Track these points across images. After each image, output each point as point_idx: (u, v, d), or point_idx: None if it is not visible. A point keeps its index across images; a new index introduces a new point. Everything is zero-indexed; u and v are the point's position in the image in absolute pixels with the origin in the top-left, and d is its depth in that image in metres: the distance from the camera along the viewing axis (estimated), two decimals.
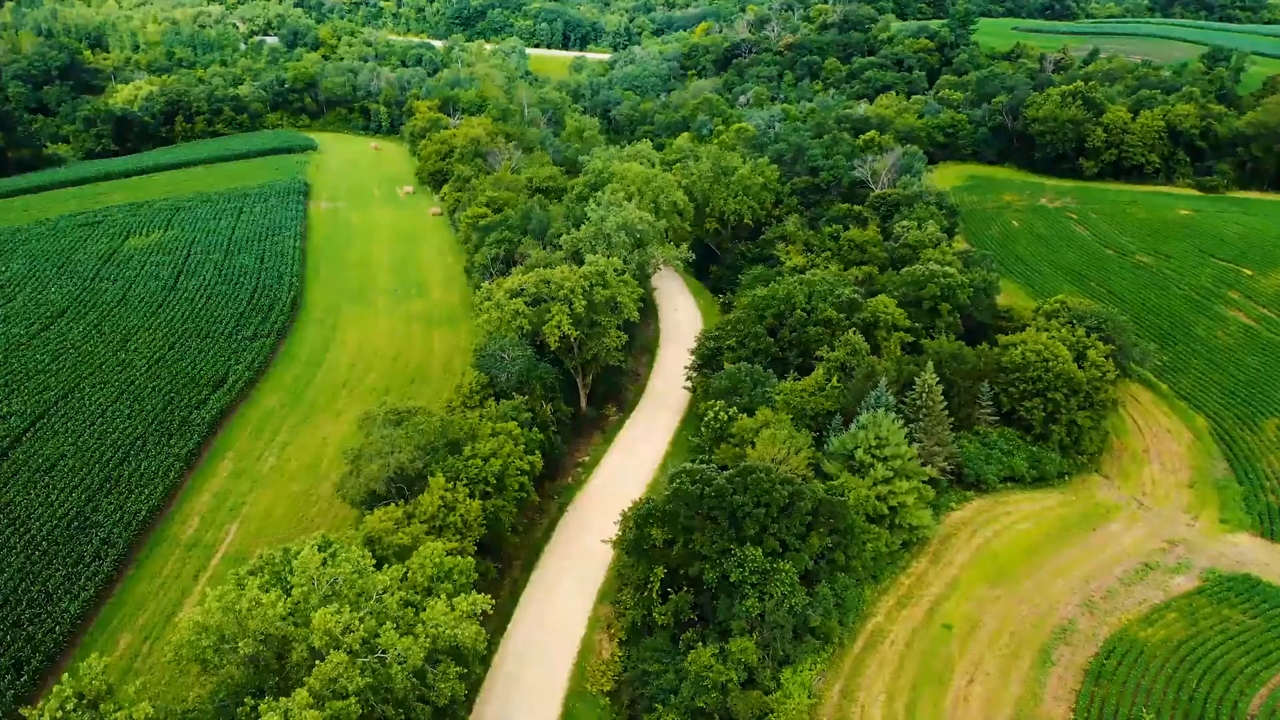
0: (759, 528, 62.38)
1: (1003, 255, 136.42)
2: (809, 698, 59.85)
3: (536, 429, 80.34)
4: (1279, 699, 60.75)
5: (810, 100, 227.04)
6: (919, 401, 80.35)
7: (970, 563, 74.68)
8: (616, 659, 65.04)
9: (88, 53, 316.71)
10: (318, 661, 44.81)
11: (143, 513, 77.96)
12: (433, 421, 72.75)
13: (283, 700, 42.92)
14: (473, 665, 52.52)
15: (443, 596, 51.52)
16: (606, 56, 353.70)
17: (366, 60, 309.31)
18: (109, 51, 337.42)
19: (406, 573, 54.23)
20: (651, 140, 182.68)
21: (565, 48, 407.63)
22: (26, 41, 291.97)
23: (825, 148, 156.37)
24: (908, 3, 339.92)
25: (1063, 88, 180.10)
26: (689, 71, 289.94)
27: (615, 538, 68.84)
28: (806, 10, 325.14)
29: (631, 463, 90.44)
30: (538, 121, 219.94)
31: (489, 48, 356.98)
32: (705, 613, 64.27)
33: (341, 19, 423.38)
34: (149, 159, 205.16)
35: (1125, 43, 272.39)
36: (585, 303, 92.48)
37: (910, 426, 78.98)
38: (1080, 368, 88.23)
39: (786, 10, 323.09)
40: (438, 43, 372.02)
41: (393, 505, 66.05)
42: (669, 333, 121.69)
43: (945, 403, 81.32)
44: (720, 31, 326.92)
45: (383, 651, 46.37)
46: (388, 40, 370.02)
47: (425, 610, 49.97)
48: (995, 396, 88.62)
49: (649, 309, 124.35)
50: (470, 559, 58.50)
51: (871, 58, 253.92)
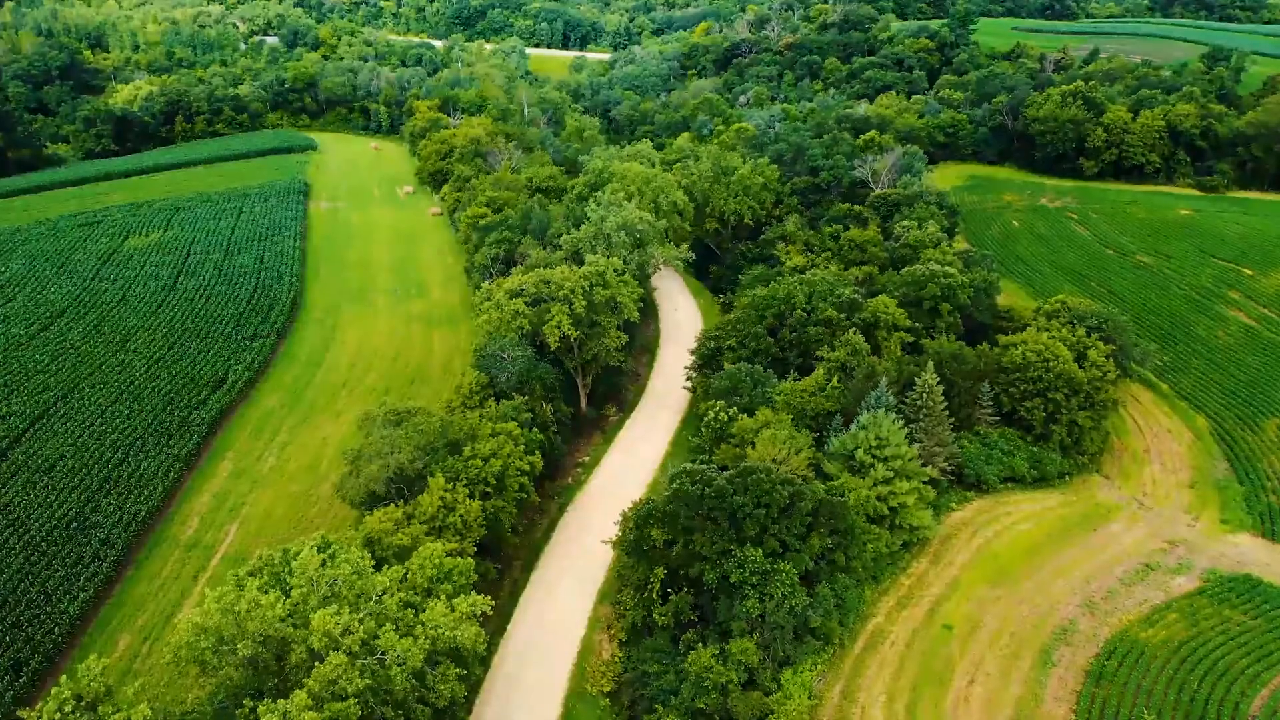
0: (759, 528, 62.31)
1: (1003, 255, 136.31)
2: (809, 699, 59.75)
3: (536, 429, 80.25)
4: None
5: (810, 100, 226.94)
6: (919, 402, 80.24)
7: (971, 563, 74.59)
8: (616, 660, 64.94)
9: (88, 53, 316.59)
10: (317, 663, 44.73)
11: (142, 513, 77.89)
12: (432, 422, 72.67)
13: (281, 702, 42.82)
14: (472, 666, 52.45)
15: (442, 598, 51.42)
16: (606, 56, 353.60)
17: (366, 60, 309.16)
18: (109, 51, 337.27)
19: (406, 574, 54.12)
20: (651, 140, 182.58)
21: (565, 48, 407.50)
22: (26, 41, 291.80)
23: (825, 148, 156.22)
24: (908, 2, 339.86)
25: (1063, 88, 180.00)
26: (689, 71, 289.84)
27: (615, 538, 68.79)
28: (806, 10, 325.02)
29: (631, 463, 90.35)
30: (538, 121, 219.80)
31: (489, 48, 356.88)
32: (705, 613, 64.18)
33: (341, 19, 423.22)
34: (149, 159, 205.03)
35: (1125, 43, 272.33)
36: (585, 303, 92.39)
37: (910, 427, 78.88)
38: (1081, 368, 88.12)
39: (786, 10, 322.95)
40: (438, 43, 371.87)
41: (392, 506, 65.97)
42: (669, 333, 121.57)
43: (945, 403, 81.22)
44: (720, 31, 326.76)
45: (382, 653, 46.25)
46: (388, 40, 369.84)
47: (425, 611, 49.88)
48: (996, 397, 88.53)
49: (649, 309, 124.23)
50: (470, 560, 58.42)
51: (871, 58, 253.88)
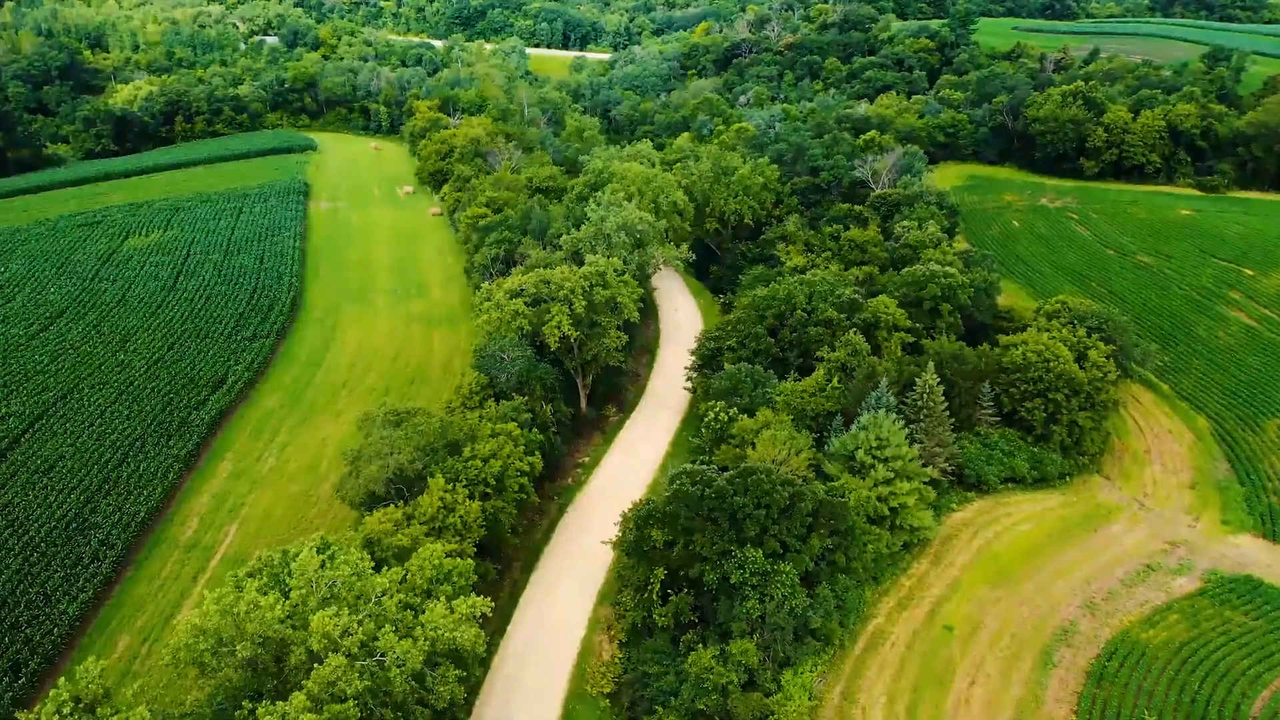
0: (759, 529, 62.19)
1: (1003, 255, 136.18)
2: (810, 700, 59.61)
3: (536, 430, 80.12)
4: None
5: (810, 100, 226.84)
6: (920, 402, 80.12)
7: (971, 564, 74.47)
8: (616, 661, 64.82)
9: (88, 53, 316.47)
10: (316, 665, 44.61)
11: (141, 514, 77.77)
12: (432, 422, 72.58)
13: (280, 704, 42.71)
14: (472, 668, 52.33)
15: (442, 599, 51.29)
16: (606, 56, 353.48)
17: (366, 60, 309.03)
18: (109, 51, 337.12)
19: (405, 575, 54.00)
20: (652, 140, 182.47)
21: (565, 48, 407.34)
22: (26, 41, 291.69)
23: (825, 148, 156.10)
24: (908, 2, 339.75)
25: (1063, 87, 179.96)
26: (689, 71, 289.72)
27: (615, 539, 68.69)
28: (807, 10, 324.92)
29: (631, 463, 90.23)
30: (538, 121, 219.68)
31: (489, 48, 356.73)
32: (705, 614, 64.06)
33: (341, 19, 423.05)
34: (149, 159, 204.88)
35: (1126, 42, 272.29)
36: (585, 303, 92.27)
37: (911, 427, 78.75)
38: (1081, 368, 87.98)
39: (787, 10, 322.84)
40: (438, 43, 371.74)
41: (392, 507, 65.83)
42: (669, 333, 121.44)
43: (946, 403, 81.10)
44: (720, 31, 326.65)
45: (381, 654, 46.13)
46: (388, 40, 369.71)
47: (424, 613, 49.75)
48: (996, 397, 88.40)
49: (649, 309, 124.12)
50: (469, 561, 58.30)
51: (872, 58, 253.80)
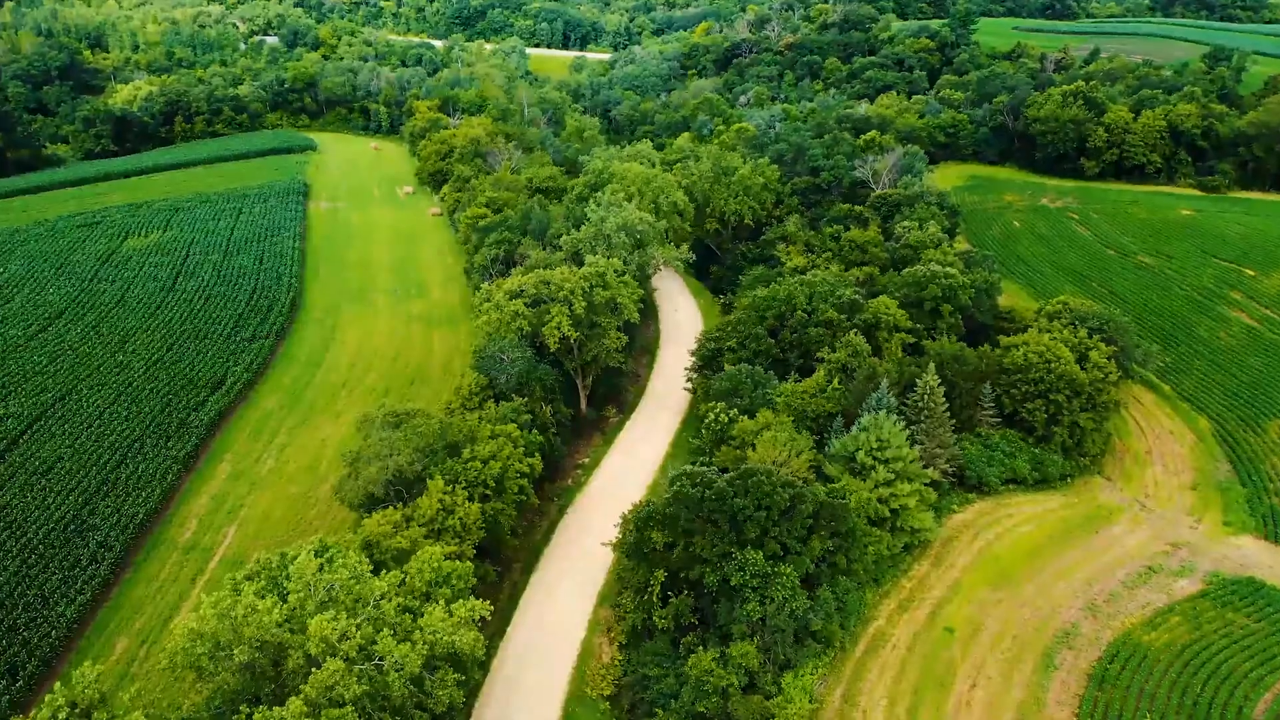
0: (760, 531, 61.99)
1: (1004, 256, 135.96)
2: (810, 702, 59.42)
3: (536, 431, 79.92)
4: None
5: (811, 100, 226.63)
6: (920, 403, 79.88)
7: (972, 565, 74.22)
8: (616, 663, 64.62)
9: (87, 53, 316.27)
10: (314, 669, 44.35)
11: (140, 515, 77.54)
12: (431, 424, 72.33)
13: (277, 709, 42.47)
14: (471, 672, 52.07)
15: (441, 602, 51.05)
16: (606, 56, 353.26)
17: (366, 60, 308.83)
18: (109, 51, 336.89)
19: (404, 578, 53.74)
20: (652, 140, 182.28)
21: (565, 48, 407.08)
22: (26, 41, 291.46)
23: (826, 148, 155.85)
24: (908, 2, 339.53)
25: (1064, 87, 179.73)
26: (689, 71, 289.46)
27: (615, 541, 68.50)
28: (807, 10, 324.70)
29: (632, 464, 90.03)
30: (538, 121, 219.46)
31: (489, 48, 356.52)
32: (706, 616, 63.86)
33: (341, 19, 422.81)
34: (148, 159, 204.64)
35: (1126, 42, 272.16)
36: (585, 304, 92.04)
37: (912, 428, 78.50)
38: (1082, 369, 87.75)
39: (787, 10, 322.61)
40: (438, 43, 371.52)
41: (391, 508, 65.59)
42: (669, 334, 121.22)
43: (947, 404, 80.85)
44: (720, 31, 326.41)
45: (380, 659, 45.86)
46: (388, 40, 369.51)
47: (423, 616, 49.49)
48: (997, 398, 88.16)
49: (649, 310, 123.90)
50: (469, 563, 58.03)
51: (872, 58, 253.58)
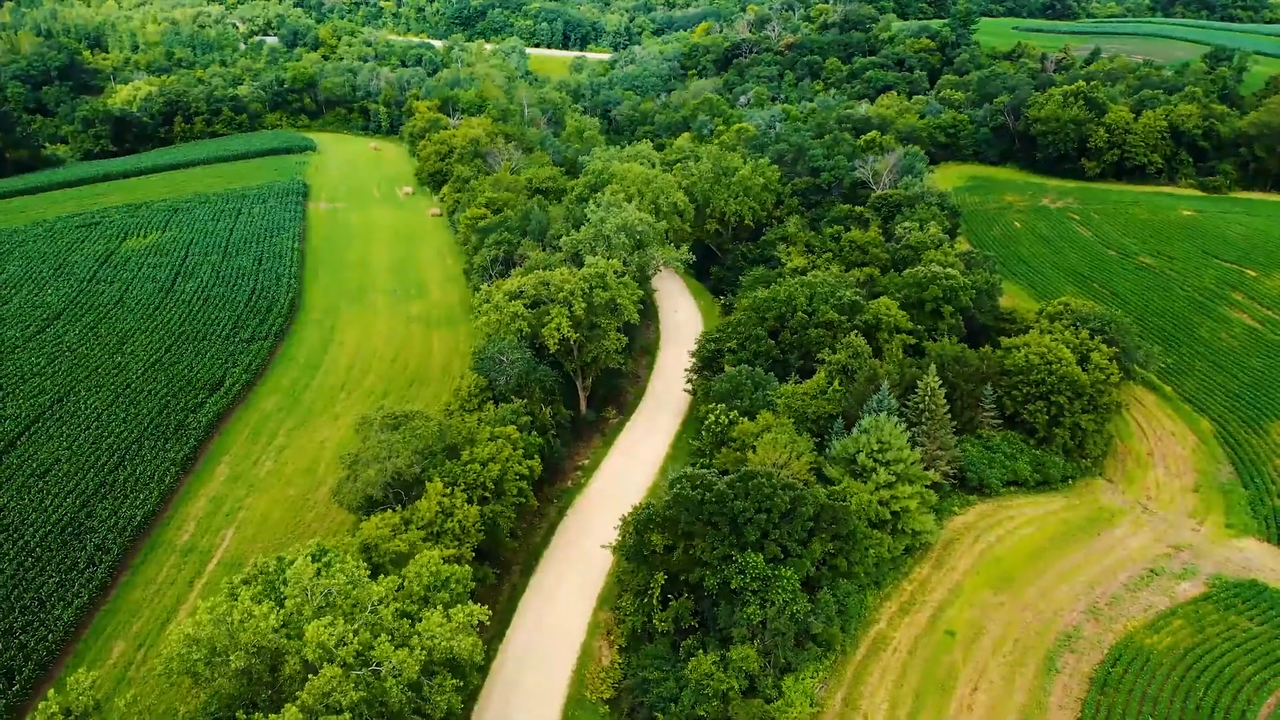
0: (760, 533, 61.67)
1: (1005, 256, 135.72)
2: (811, 706, 59.15)
3: (535, 433, 79.62)
4: None
5: (811, 100, 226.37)
6: (921, 405, 79.51)
7: (973, 568, 73.87)
8: (616, 666, 64.29)
9: (87, 53, 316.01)
10: (311, 675, 43.97)
11: (138, 518, 77.22)
12: (430, 426, 72.01)
13: (274, 716, 42.10)
14: (469, 677, 51.70)
15: (439, 607, 50.69)
16: (607, 56, 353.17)
17: (366, 60, 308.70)
18: (108, 52, 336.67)
19: (402, 582, 53.40)
20: (652, 140, 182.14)
21: (565, 48, 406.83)
22: (26, 42, 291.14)
23: (826, 148, 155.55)
24: (909, 2, 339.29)
25: (1064, 88, 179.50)
26: (689, 71, 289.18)
27: (615, 543, 68.21)
28: (807, 10, 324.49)
29: (631, 466, 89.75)
30: (538, 121, 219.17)
31: (489, 48, 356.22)
32: (706, 619, 63.53)
33: (341, 19, 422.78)
34: (147, 160, 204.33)
35: (1127, 42, 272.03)
36: (585, 305, 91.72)
37: (912, 430, 78.16)
38: (1084, 370, 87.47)
39: (787, 10, 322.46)
40: (438, 43, 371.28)
41: (390, 511, 65.31)
42: (669, 334, 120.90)
43: (948, 406, 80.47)
44: (720, 31, 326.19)
45: (377, 664, 45.49)
46: (388, 40, 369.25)
47: (421, 621, 49.15)
48: (998, 399, 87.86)
49: (649, 311, 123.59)
50: (467, 568, 57.66)
51: (872, 58, 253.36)
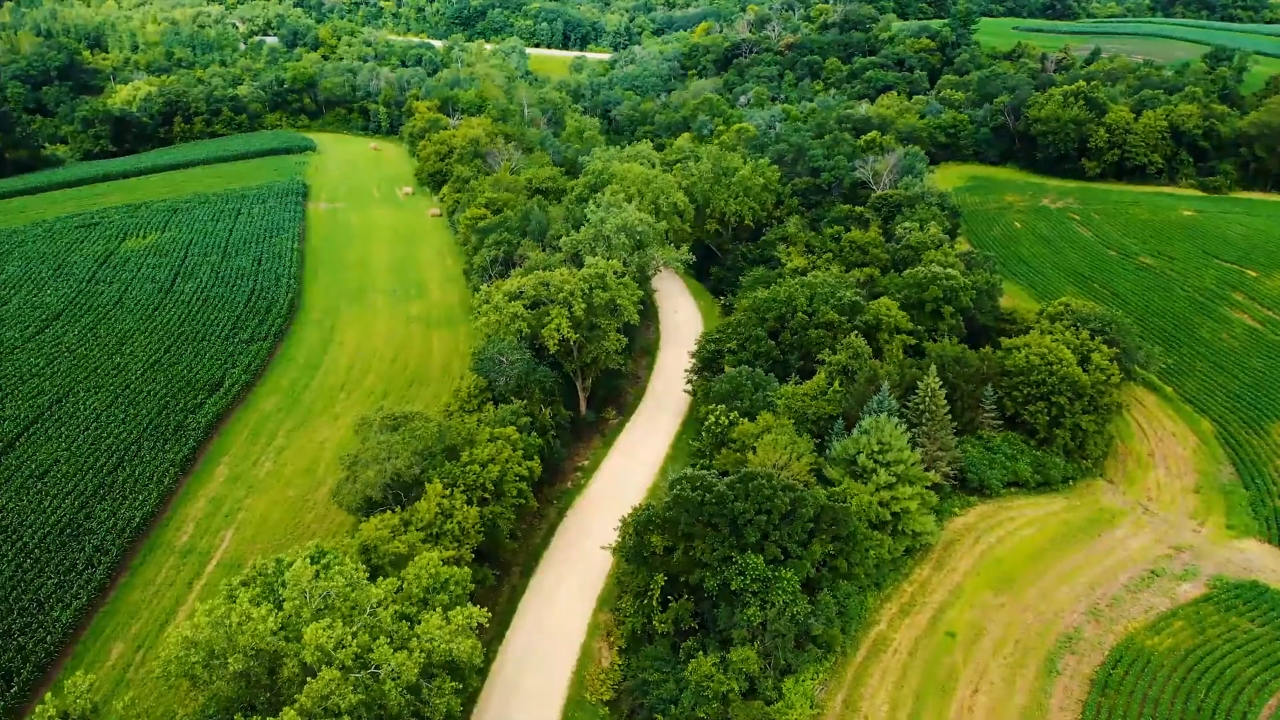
0: (760, 535, 61.55)
1: (1005, 257, 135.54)
2: (811, 708, 59.04)
3: (535, 433, 79.47)
4: None
5: (811, 100, 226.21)
6: (922, 405, 79.36)
7: (974, 569, 73.73)
8: (616, 667, 64.15)
9: (87, 53, 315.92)
10: (309, 678, 43.78)
11: (137, 519, 77.06)
12: (430, 427, 71.89)
13: (272, 719, 41.97)
14: (469, 679, 51.52)
15: (438, 609, 50.51)
16: (607, 56, 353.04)
17: (366, 60, 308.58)
18: (108, 52, 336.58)
19: (401, 584, 53.23)
20: (652, 140, 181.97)
21: (565, 48, 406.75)
22: (25, 42, 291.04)
23: (826, 148, 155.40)
24: (909, 2, 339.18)
25: (1065, 88, 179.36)
26: (689, 71, 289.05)
27: (615, 544, 68.06)
28: (807, 10, 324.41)
29: (631, 466, 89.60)
30: (538, 122, 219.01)
31: (489, 48, 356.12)
32: (706, 621, 63.39)
33: (341, 19, 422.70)
34: (147, 160, 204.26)
35: (1127, 42, 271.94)
36: (584, 305, 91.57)
37: (913, 431, 78.04)
38: (1084, 371, 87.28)
39: (787, 10, 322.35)
40: (438, 43, 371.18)
41: (389, 512, 65.18)
42: (669, 335, 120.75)
43: (948, 407, 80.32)
44: (720, 31, 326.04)
45: (376, 667, 45.32)
46: (387, 40, 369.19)
47: (420, 624, 48.98)
48: (999, 400, 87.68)
49: (649, 311, 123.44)
50: (467, 570, 57.49)
51: (872, 58, 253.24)
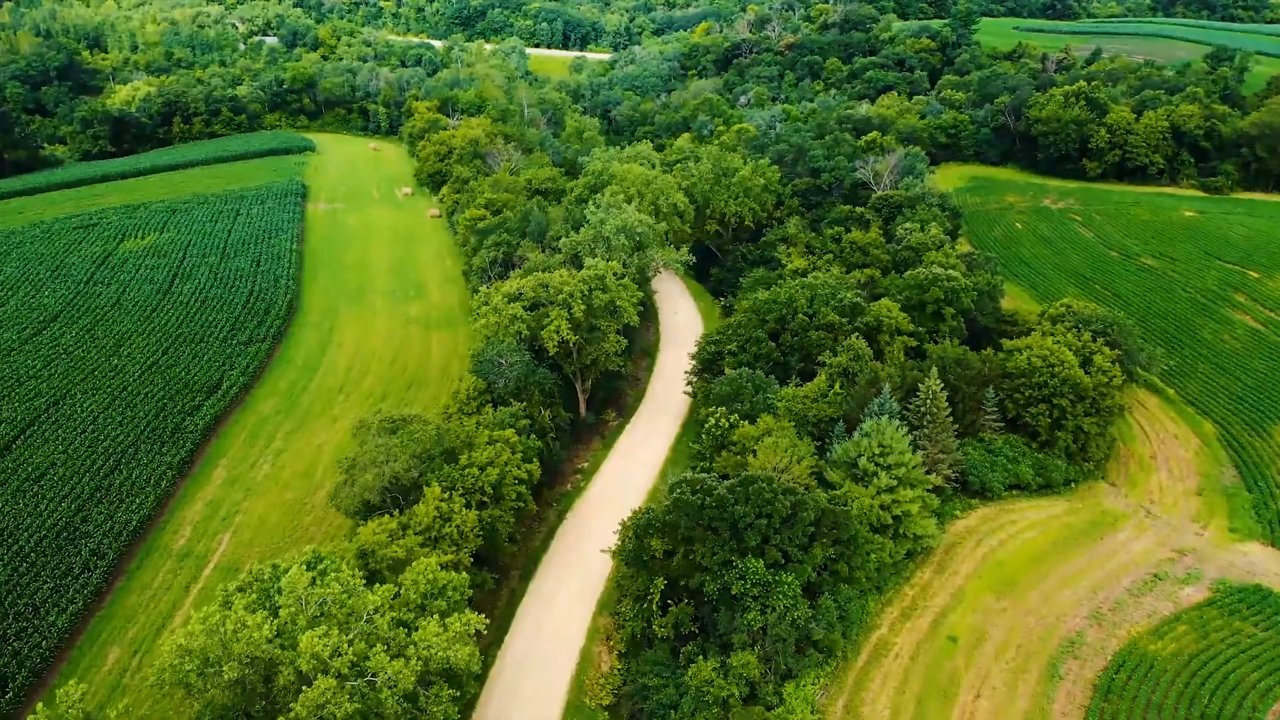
0: (761, 539, 61.19)
1: (1006, 258, 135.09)
2: (812, 713, 58.64)
3: (534, 436, 79.03)
4: None
5: (811, 101, 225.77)
6: (923, 408, 78.93)
7: (975, 573, 73.29)
8: (615, 672, 63.77)
9: (86, 53, 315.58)
10: (305, 687, 43.29)
11: (134, 522, 76.64)
12: (428, 429, 71.47)
13: None
14: (466, 687, 51.03)
15: (435, 616, 50.00)
16: (606, 56, 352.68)
17: (366, 60, 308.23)
18: (107, 52, 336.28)
19: (398, 590, 52.75)
20: (652, 141, 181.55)
21: (565, 48, 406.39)
22: (25, 42, 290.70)
23: (827, 149, 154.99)
24: (909, 2, 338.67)
25: (1065, 88, 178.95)
26: (689, 71, 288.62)
27: (614, 548, 67.67)
28: (807, 10, 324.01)
29: (631, 469, 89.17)
30: (537, 122, 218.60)
31: (489, 48, 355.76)
32: (706, 625, 63.02)
33: (341, 19, 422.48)
34: (146, 160, 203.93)
35: (1128, 42, 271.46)
36: (584, 307, 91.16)
37: (914, 433, 77.62)
38: (1086, 373, 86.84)
39: (787, 10, 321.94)
40: (437, 43, 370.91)
41: (387, 516, 64.74)
42: (669, 336, 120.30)
43: (949, 409, 79.92)
44: (721, 31, 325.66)
45: (372, 675, 44.84)
46: (387, 40, 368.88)
47: (417, 631, 48.48)
48: (1000, 402, 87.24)
49: (649, 312, 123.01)
50: (465, 575, 57.02)
51: (873, 58, 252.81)
